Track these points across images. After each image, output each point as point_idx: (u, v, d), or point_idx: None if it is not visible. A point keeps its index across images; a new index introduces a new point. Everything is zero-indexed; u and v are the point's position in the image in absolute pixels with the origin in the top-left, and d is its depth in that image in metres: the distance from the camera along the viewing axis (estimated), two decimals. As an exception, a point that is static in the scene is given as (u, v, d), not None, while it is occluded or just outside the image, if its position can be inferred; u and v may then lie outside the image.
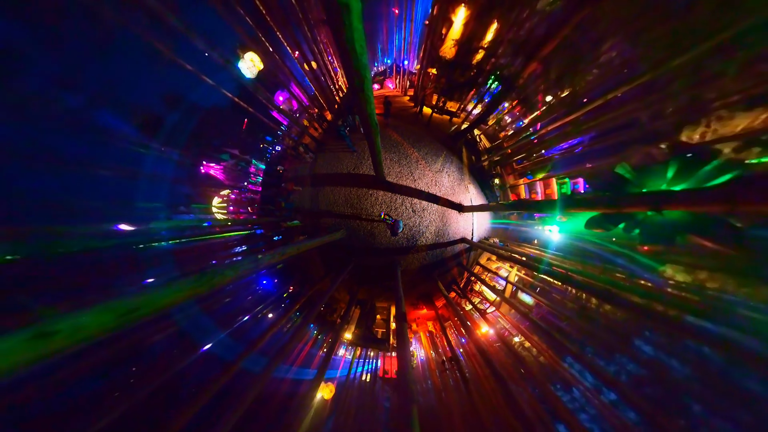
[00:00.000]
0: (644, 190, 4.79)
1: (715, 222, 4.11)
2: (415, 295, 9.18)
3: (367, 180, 7.84)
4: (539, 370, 9.47)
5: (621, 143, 8.51)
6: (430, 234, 7.96)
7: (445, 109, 10.21)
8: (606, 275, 8.06)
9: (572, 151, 10.09)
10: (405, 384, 3.16)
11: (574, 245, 9.97)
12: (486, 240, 9.88)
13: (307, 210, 8.66)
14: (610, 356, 7.63)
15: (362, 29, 2.21)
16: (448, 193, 8.38)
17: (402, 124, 9.35)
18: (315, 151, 9.38)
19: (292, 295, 10.33)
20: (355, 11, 1.97)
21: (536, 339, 9.21)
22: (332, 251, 8.13)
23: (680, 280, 6.71)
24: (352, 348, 11.37)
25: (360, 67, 2.57)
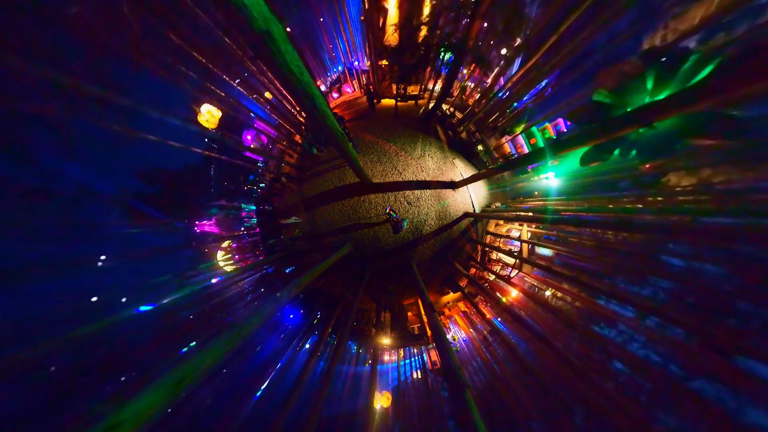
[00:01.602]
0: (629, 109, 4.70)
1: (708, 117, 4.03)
2: (438, 282, 9.19)
3: (354, 189, 7.83)
4: (578, 315, 9.45)
5: (589, 71, 8.39)
6: (432, 220, 7.94)
7: (408, 95, 10.14)
8: (614, 205, 8.00)
9: (543, 95, 9.97)
10: (451, 372, 3.18)
11: (574, 185, 9.88)
12: (488, 207, 9.83)
13: (308, 235, 8.68)
14: (642, 281, 7.57)
15: (292, 49, 2.19)
16: (437, 174, 8.34)
17: (371, 123, 9.31)
18: (297, 177, 9.39)
19: (321, 319, 10.41)
20: (278, 35, 1.95)
21: (566, 287, 9.18)
22: (346, 266, 8.15)
23: (686, 184, 6.62)
24: (394, 351, 11.43)
25: (305, 87, 2.55)
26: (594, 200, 8.82)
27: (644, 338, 7.16)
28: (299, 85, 2.44)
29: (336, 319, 8.67)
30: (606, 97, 5.33)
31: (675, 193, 6.69)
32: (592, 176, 9.74)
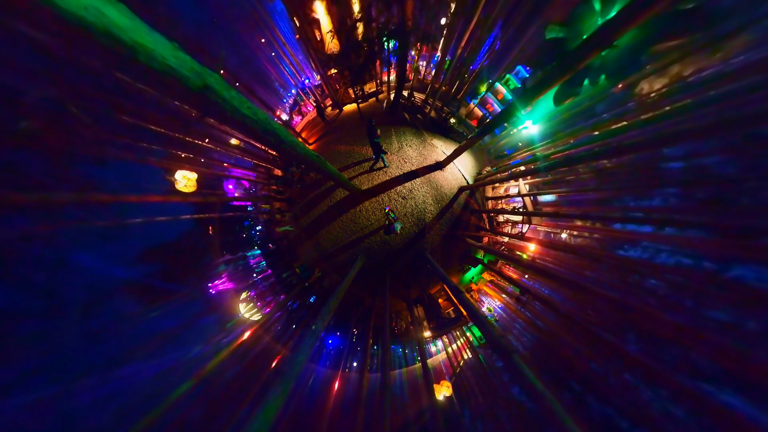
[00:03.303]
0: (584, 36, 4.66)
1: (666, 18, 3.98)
2: (457, 262, 9.20)
3: (348, 202, 7.84)
4: (600, 247, 9.46)
5: (530, 14, 8.33)
6: (431, 206, 7.95)
7: (367, 94, 10.10)
8: (600, 131, 7.97)
9: (494, 50, 9.91)
10: (495, 342, 3.20)
11: (554, 125, 9.85)
12: (480, 175, 9.83)
13: (319, 259, 8.71)
14: (649, 194, 7.57)
15: (237, 93, 2.17)
16: (420, 161, 8.33)
17: (341, 134, 9.29)
18: (289, 210, 9.40)
19: (360, 334, 10.47)
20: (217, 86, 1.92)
21: (578, 223, 9.19)
22: (366, 277, 8.18)
23: (660, 87, 6.60)
24: (438, 340, 11.49)
25: (263, 125, 2.54)
26: (578, 132, 8.80)
27: (669, 247, 7.18)
28: (256, 125, 2.42)
29: (373, 329, 8.72)
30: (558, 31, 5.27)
31: (653, 100, 6.67)
32: (568, 110, 9.71)
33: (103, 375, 9.67)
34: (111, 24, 1.20)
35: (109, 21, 1.19)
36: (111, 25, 1.20)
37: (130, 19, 1.28)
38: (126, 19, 1.26)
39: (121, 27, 1.23)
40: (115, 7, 1.23)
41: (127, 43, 1.26)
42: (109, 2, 1.21)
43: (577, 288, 6.06)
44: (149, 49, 1.35)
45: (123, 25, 1.24)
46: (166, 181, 9.80)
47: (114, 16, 1.21)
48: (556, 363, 8.96)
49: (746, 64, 4.53)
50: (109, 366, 9.94)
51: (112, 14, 1.20)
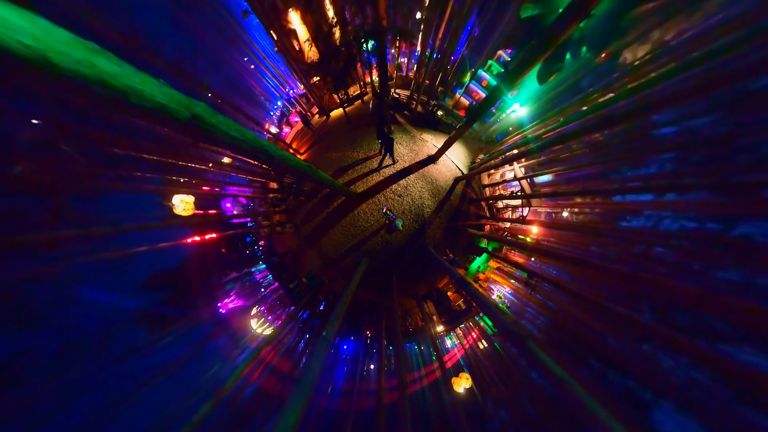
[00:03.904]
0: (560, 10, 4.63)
1: None
2: (461, 253, 9.19)
3: (345, 206, 7.86)
4: (602, 221, 9.41)
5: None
6: (428, 200, 7.94)
7: (352, 97, 10.12)
8: (588, 105, 7.93)
9: (473, 38, 9.89)
10: (507, 330, 3.20)
11: (542, 104, 9.81)
12: (473, 164, 9.81)
13: (324, 266, 8.73)
14: (644, 162, 7.52)
15: (224, 118, 2.23)
16: (412, 157, 8.33)
17: (330, 140, 9.32)
18: (289, 221, 9.43)
19: (373, 336, 10.46)
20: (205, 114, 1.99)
21: (578, 200, 9.15)
22: (372, 279, 8.19)
23: (643, 54, 6.56)
24: (452, 333, 11.47)
25: (252, 144, 2.60)
26: (567, 109, 8.76)
27: (672, 213, 7.12)
28: (246, 145, 2.49)
29: (385, 330, 8.72)
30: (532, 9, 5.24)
31: (637, 68, 6.63)
32: (554, 89, 9.67)
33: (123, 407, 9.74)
34: (103, 73, 1.29)
35: (101, 70, 1.29)
36: (103, 74, 1.29)
37: (118, 65, 1.37)
38: (115, 66, 1.36)
39: (111, 74, 1.33)
40: (104, 57, 1.32)
41: (119, 89, 1.37)
42: (99, 53, 1.30)
43: (584, 265, 6.04)
44: (139, 90, 1.45)
45: (113, 72, 1.34)
46: (164, 207, 9.88)
47: (104, 65, 1.30)
48: (572, 342, 8.91)
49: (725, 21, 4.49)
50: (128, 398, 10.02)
51: (102, 64, 1.29)
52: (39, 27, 1.10)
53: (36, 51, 1.08)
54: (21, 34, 1.04)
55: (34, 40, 1.07)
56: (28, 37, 1.06)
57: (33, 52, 1.07)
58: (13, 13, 1.04)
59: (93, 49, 1.28)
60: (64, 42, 1.17)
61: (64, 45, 1.16)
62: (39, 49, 1.08)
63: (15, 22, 1.03)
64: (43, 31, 1.11)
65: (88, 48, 1.26)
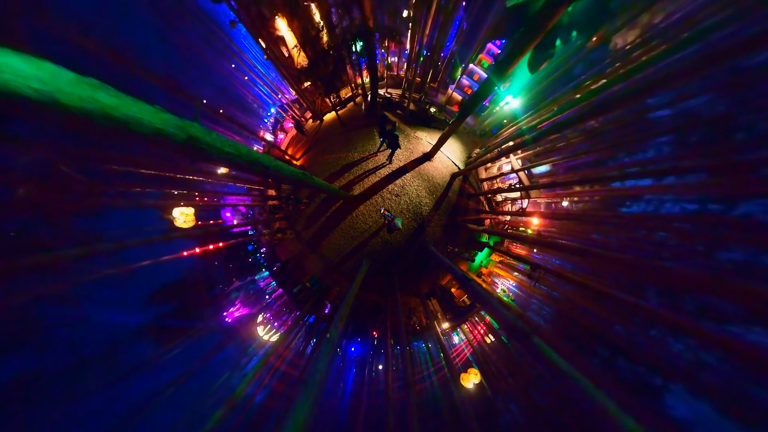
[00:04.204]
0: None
1: None
2: (462, 250, 9.18)
3: (344, 209, 7.87)
4: (603, 208, 9.35)
5: (490, -11, 8.23)
6: (425, 198, 7.93)
7: (344, 99, 10.12)
8: (581, 93, 7.87)
9: (462, 33, 9.85)
10: (511, 326, 3.19)
11: (535, 95, 9.75)
12: (470, 158, 9.78)
13: (325, 269, 8.75)
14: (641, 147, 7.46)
15: (217, 136, 2.27)
16: (407, 156, 8.32)
17: (325, 144, 9.33)
18: (289, 227, 9.46)
19: (379, 337, 10.48)
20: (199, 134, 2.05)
21: (577, 189, 9.09)
22: (374, 280, 8.20)
23: (633, 38, 6.50)
24: (458, 330, 11.46)
25: (246, 158, 2.62)
26: (561, 98, 8.70)
27: (671, 196, 7.06)
28: (241, 159, 2.53)
29: (391, 330, 8.73)
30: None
31: (629, 52, 6.57)
32: (546, 78, 9.61)
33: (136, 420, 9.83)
34: (105, 106, 1.41)
35: (103, 104, 1.41)
36: (105, 107, 1.41)
37: (116, 97, 1.50)
38: (114, 99, 1.48)
39: (112, 106, 1.44)
40: (104, 91, 1.44)
41: (120, 119, 1.49)
42: (99, 87, 1.42)
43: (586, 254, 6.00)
44: (138, 118, 1.58)
45: (113, 104, 1.45)
46: (165, 221, 9.95)
47: (105, 99, 1.42)
48: (580, 331, 8.88)
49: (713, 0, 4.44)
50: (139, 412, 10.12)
51: (103, 98, 1.41)
52: (45, 70, 1.22)
53: (45, 93, 1.20)
54: (31, 79, 1.16)
55: (43, 83, 1.19)
56: (37, 81, 1.18)
57: (42, 95, 1.19)
58: (21, 60, 1.15)
59: (94, 84, 1.40)
60: (68, 82, 1.29)
61: (68, 85, 1.28)
62: (48, 91, 1.20)
63: (24, 69, 1.15)
64: (49, 74, 1.23)
65: (90, 84, 1.38)
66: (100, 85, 1.43)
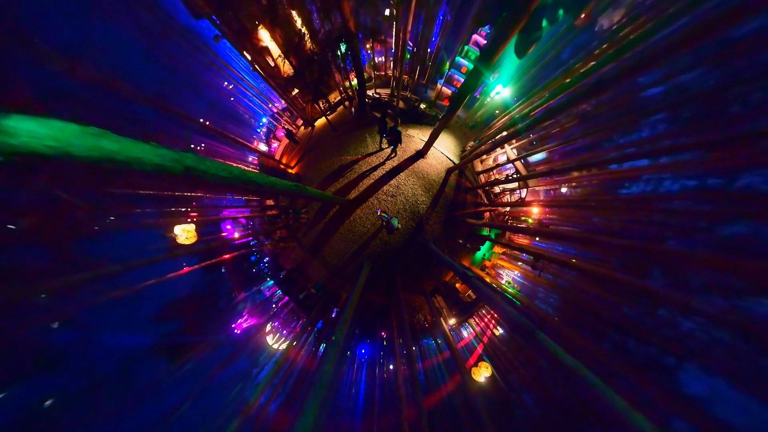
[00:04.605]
0: None
1: None
2: (464, 245, 9.15)
3: (341, 214, 7.87)
4: (602, 191, 9.27)
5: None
6: (422, 196, 7.91)
7: (333, 104, 10.12)
8: (571, 77, 7.79)
9: (447, 26, 9.78)
10: (515, 323, 3.17)
11: (525, 83, 9.67)
12: (464, 152, 9.73)
13: (329, 275, 8.78)
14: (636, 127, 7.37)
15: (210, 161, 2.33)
16: (400, 154, 8.30)
17: (318, 151, 9.33)
18: (290, 235, 9.49)
19: (387, 337, 10.51)
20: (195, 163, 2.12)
21: (574, 174, 9.01)
22: (377, 281, 8.21)
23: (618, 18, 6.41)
24: (466, 325, 11.45)
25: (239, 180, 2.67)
26: (551, 84, 8.62)
27: (670, 174, 6.97)
28: (234, 181, 2.59)
29: (398, 330, 8.75)
30: (500, -21, 5.08)
31: (616, 32, 6.49)
32: (535, 65, 9.51)
33: (155, 437, 9.95)
34: (109, 152, 1.53)
35: (107, 150, 1.53)
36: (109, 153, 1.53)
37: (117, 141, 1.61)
38: (115, 143, 1.59)
39: (115, 151, 1.56)
40: (106, 137, 1.56)
41: (123, 161, 1.62)
42: (101, 135, 1.53)
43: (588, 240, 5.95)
44: (138, 158, 1.70)
45: (115, 148, 1.57)
46: (167, 239, 10.03)
47: (108, 144, 1.53)
48: (588, 317, 8.83)
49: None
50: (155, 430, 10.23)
51: (106, 144, 1.52)
52: (54, 128, 1.34)
53: (59, 149, 1.32)
54: (45, 138, 1.28)
55: (55, 140, 1.31)
56: (50, 139, 1.30)
57: (57, 150, 1.32)
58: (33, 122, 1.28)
59: (96, 133, 1.51)
60: (75, 134, 1.40)
61: (75, 137, 1.40)
62: (60, 146, 1.33)
63: (37, 130, 1.28)
64: (59, 131, 1.34)
65: (93, 134, 1.49)
66: (101, 133, 1.56)
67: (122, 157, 1.59)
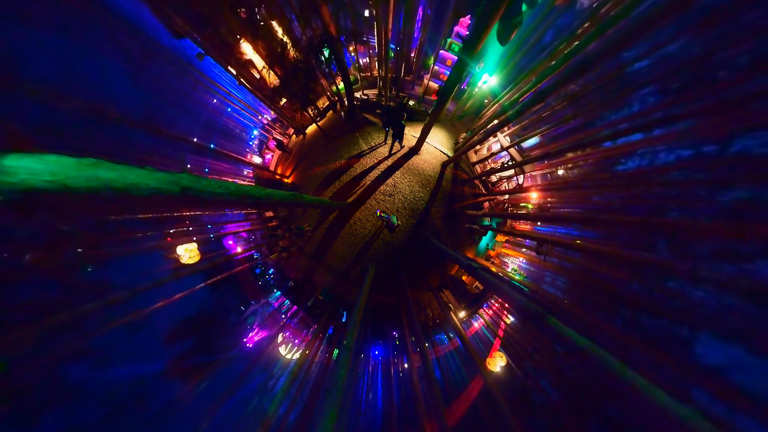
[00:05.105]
0: None
1: None
2: (466, 238, 9.14)
3: (341, 219, 7.88)
4: (599, 169, 9.25)
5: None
6: (420, 192, 7.91)
7: (322, 110, 10.12)
8: (556, 57, 7.78)
9: (428, 22, 9.78)
10: (525, 309, 3.17)
11: (511, 70, 9.65)
12: (457, 144, 9.73)
13: (336, 280, 8.79)
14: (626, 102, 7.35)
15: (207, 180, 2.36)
16: (395, 154, 8.30)
17: (312, 158, 9.34)
18: (292, 245, 9.50)
19: (399, 336, 10.50)
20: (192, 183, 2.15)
21: (569, 155, 8.99)
22: (383, 282, 8.21)
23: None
24: (476, 316, 11.44)
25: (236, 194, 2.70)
26: (537, 68, 8.61)
27: (664, 146, 6.96)
28: (231, 196, 2.62)
29: (409, 328, 8.75)
30: (475, -32, 5.07)
31: (597, 9, 6.47)
32: (519, 50, 9.50)
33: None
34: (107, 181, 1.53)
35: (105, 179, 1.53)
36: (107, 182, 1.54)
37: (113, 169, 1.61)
38: (112, 171, 1.59)
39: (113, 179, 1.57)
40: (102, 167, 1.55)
41: (122, 189, 1.63)
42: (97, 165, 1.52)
43: (590, 220, 5.95)
44: (136, 184, 1.71)
45: (113, 176, 1.58)
46: (170, 260, 10.06)
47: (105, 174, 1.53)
48: (597, 296, 8.81)
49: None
50: None
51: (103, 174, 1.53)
52: (51, 162, 1.34)
53: (57, 183, 1.33)
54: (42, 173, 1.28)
55: (53, 174, 1.32)
56: (48, 174, 1.31)
57: (55, 184, 1.33)
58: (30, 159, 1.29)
59: (92, 163, 1.50)
60: (71, 167, 1.40)
61: (72, 169, 1.40)
62: (58, 180, 1.33)
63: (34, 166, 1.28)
64: (55, 165, 1.35)
65: (89, 164, 1.49)
66: (97, 163, 1.55)
67: (120, 184, 1.61)
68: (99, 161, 1.57)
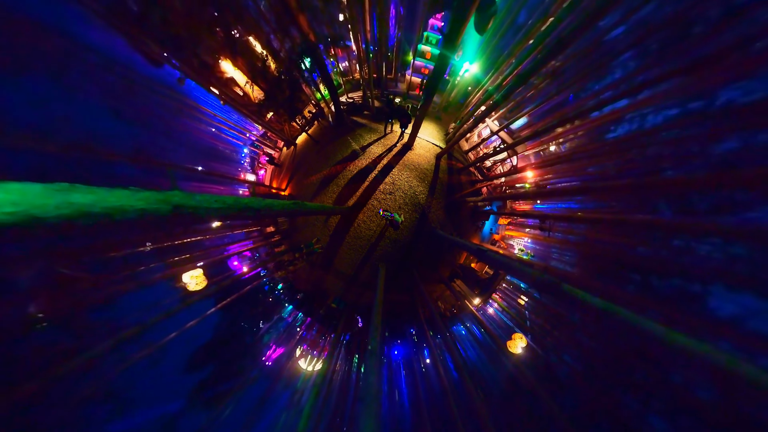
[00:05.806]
0: None
1: None
2: (469, 225, 9.18)
3: (344, 224, 7.87)
4: (590, 140, 9.36)
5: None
6: (419, 187, 7.93)
7: (309, 119, 10.12)
8: (533, 38, 7.88)
9: (401, 20, 9.84)
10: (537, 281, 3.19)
11: (490, 55, 9.75)
12: (448, 134, 9.79)
13: (346, 286, 8.75)
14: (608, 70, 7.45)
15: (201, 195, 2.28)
16: (387, 153, 8.32)
17: (306, 168, 9.32)
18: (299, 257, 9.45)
19: (417, 333, 10.49)
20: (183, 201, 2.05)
21: (559, 130, 9.09)
22: (395, 280, 8.20)
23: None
24: (490, 302, 11.46)
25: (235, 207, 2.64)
26: (516, 50, 8.70)
27: (651, 108, 7.06)
28: (230, 210, 2.55)
29: (426, 323, 8.73)
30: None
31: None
32: (495, 35, 9.60)
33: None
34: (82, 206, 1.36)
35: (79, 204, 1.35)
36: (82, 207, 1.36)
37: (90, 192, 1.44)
38: (89, 195, 1.42)
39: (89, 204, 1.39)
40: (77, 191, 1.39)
41: (102, 214, 1.45)
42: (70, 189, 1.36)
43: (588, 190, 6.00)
44: (118, 207, 1.54)
45: (90, 201, 1.40)
46: (178, 289, 9.95)
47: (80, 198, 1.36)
48: (606, 265, 8.88)
49: None
50: None
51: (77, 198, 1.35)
52: (12, 192, 1.18)
53: (20, 214, 1.16)
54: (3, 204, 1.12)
55: (15, 205, 1.16)
56: (9, 205, 1.14)
57: (18, 216, 1.16)
58: None
59: (63, 188, 1.34)
60: (38, 194, 1.24)
61: (39, 197, 1.24)
62: (21, 211, 1.17)
63: None
64: (18, 194, 1.19)
65: (59, 189, 1.32)
66: (70, 187, 1.38)
67: (99, 209, 1.43)
68: (72, 185, 1.41)
